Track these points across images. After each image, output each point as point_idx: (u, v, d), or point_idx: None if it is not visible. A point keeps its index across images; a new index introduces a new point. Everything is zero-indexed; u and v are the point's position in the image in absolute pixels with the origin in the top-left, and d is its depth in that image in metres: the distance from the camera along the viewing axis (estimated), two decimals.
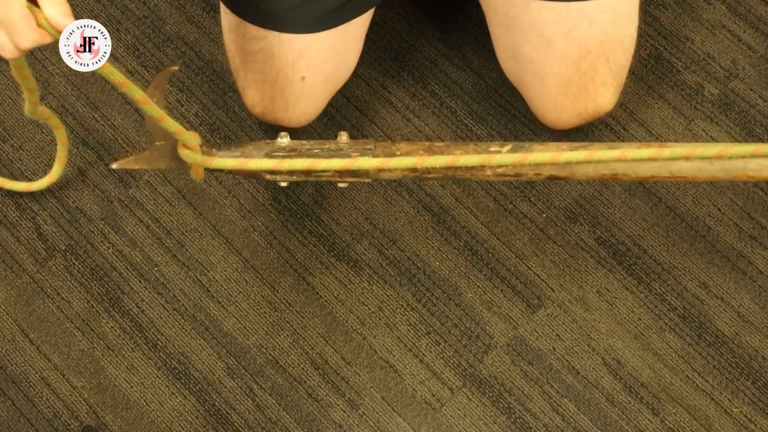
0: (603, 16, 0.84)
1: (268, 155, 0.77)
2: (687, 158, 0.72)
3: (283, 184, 0.82)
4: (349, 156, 0.76)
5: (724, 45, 1.08)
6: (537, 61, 0.88)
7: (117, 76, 0.63)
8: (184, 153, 0.75)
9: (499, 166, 0.75)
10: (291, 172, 0.78)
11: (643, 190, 1.04)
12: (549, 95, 0.89)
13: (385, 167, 0.75)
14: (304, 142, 0.79)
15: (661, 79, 1.08)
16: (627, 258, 1.02)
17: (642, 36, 1.08)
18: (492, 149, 0.76)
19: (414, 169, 0.76)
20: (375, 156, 0.76)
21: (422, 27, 1.12)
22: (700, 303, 1.00)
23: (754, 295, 1.00)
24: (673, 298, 1.01)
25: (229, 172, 0.79)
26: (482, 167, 0.75)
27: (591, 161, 0.73)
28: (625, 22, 0.87)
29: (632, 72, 1.06)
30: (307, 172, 0.77)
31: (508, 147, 0.75)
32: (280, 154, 0.77)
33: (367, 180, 0.79)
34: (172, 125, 0.70)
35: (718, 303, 1.00)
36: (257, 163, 0.75)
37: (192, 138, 0.74)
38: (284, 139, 0.78)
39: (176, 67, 0.76)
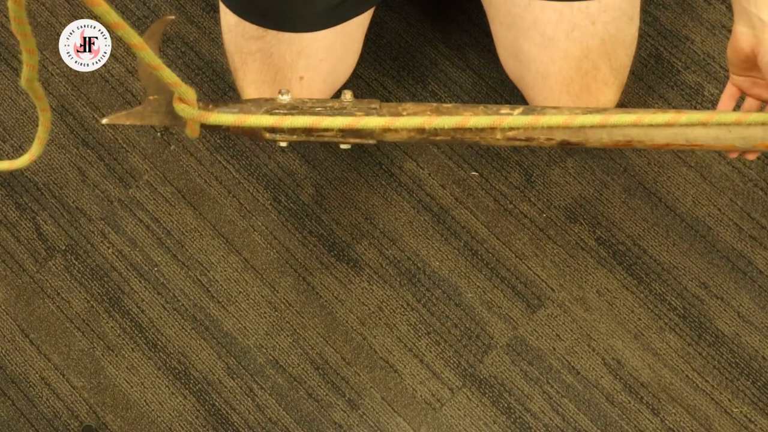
0: (605, 15, 0.84)
1: (268, 112, 0.73)
2: (704, 124, 0.70)
3: (283, 144, 0.77)
4: (353, 115, 0.73)
5: (724, 45, 1.08)
6: (539, 60, 0.87)
7: (112, 17, 0.59)
8: (180, 107, 0.70)
9: (511, 129, 0.72)
10: (292, 131, 0.73)
11: (643, 190, 1.04)
12: (551, 94, 0.89)
13: (392, 126, 0.71)
14: (305, 99, 0.75)
15: (661, 79, 1.08)
16: (627, 258, 1.02)
17: (642, 36, 1.08)
18: (503, 111, 0.73)
19: (421, 130, 0.72)
20: (380, 116, 0.72)
21: (422, 27, 1.12)
22: (700, 303, 1.00)
23: (754, 295, 1.00)
24: (673, 298, 1.00)
25: (227, 130, 0.74)
26: (492, 130, 0.72)
27: (606, 125, 0.71)
28: (627, 22, 0.87)
29: (632, 72, 1.06)
30: (309, 132, 0.73)
31: (519, 110, 0.73)
32: (281, 111, 0.73)
33: (371, 141, 0.75)
34: (168, 75, 0.64)
35: (718, 303, 1.00)
36: (257, 119, 0.71)
37: (189, 92, 0.69)
38: (285, 96, 0.74)
39: (172, 17, 0.72)
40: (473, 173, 1.06)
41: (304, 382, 1.02)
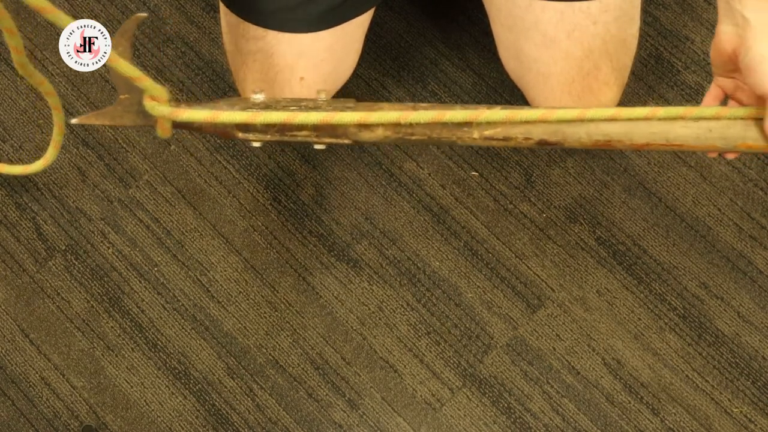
0: (606, 15, 0.84)
1: (242, 110, 0.71)
2: (683, 118, 0.70)
3: (256, 144, 0.76)
4: (327, 112, 0.71)
5: None
6: (540, 60, 0.87)
7: (41, 1, 0.57)
8: (150, 105, 0.69)
9: (488, 125, 0.71)
10: (265, 129, 0.72)
11: (643, 190, 1.04)
12: (552, 95, 0.89)
13: (367, 122, 0.70)
14: (279, 98, 0.74)
15: (661, 79, 1.08)
16: (627, 258, 1.02)
17: (642, 36, 1.08)
18: (481, 109, 0.72)
19: (397, 128, 0.71)
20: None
21: (422, 27, 1.12)
22: (700, 303, 1.00)
23: (754, 295, 1.00)
24: (673, 298, 1.01)
25: (199, 129, 0.74)
26: (470, 128, 0.71)
27: (584, 119, 0.70)
28: (628, 21, 0.86)
29: (632, 72, 1.06)
30: (282, 130, 0.72)
31: (498, 108, 0.73)
32: (254, 109, 0.72)
33: (347, 141, 0.74)
34: (127, 68, 0.63)
35: (718, 303, 1.00)
36: (230, 115, 0.70)
37: (158, 89, 0.69)
38: (259, 95, 0.73)
39: (144, 15, 0.71)
40: (473, 173, 1.06)
41: (304, 382, 1.02)
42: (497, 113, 0.70)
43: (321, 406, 1.01)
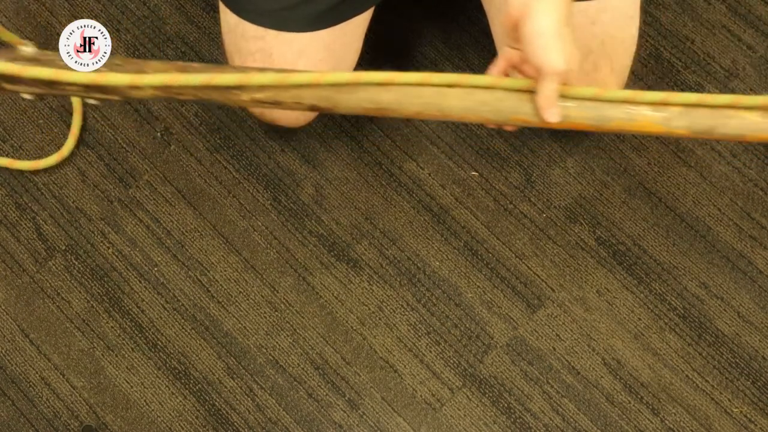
0: (605, 15, 0.84)
1: (9, 60, 0.70)
2: (457, 85, 0.68)
3: (27, 96, 0.75)
4: (98, 70, 0.70)
5: (724, 45, 1.08)
6: None
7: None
8: None
9: (260, 87, 0.70)
10: (34, 83, 0.71)
11: (643, 190, 1.04)
12: None
13: (138, 84, 0.69)
14: (48, 52, 0.73)
15: (661, 79, 1.08)
16: (627, 258, 1.02)
17: (642, 36, 1.08)
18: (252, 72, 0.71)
19: (167, 88, 0.71)
20: (125, 72, 0.70)
21: (422, 27, 1.12)
22: (700, 303, 1.00)
23: (754, 295, 1.00)
24: (673, 298, 1.01)
25: None
26: (240, 91, 0.70)
27: (358, 82, 0.69)
28: (627, 22, 0.86)
29: (632, 72, 1.06)
30: (51, 84, 0.71)
31: (270, 72, 0.71)
32: (22, 62, 0.70)
33: (116, 98, 0.73)
34: None
35: (718, 303, 1.00)
36: None
37: None
38: (28, 48, 0.72)
39: None
40: (473, 173, 1.06)
41: (304, 382, 1.02)
42: (267, 77, 0.69)
43: (321, 406, 1.01)
